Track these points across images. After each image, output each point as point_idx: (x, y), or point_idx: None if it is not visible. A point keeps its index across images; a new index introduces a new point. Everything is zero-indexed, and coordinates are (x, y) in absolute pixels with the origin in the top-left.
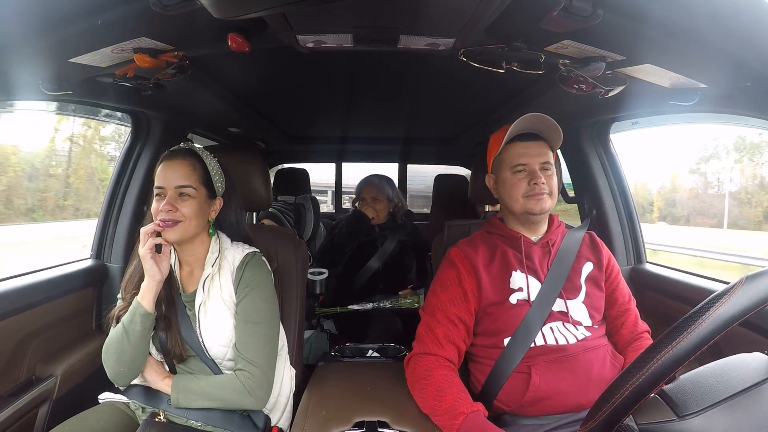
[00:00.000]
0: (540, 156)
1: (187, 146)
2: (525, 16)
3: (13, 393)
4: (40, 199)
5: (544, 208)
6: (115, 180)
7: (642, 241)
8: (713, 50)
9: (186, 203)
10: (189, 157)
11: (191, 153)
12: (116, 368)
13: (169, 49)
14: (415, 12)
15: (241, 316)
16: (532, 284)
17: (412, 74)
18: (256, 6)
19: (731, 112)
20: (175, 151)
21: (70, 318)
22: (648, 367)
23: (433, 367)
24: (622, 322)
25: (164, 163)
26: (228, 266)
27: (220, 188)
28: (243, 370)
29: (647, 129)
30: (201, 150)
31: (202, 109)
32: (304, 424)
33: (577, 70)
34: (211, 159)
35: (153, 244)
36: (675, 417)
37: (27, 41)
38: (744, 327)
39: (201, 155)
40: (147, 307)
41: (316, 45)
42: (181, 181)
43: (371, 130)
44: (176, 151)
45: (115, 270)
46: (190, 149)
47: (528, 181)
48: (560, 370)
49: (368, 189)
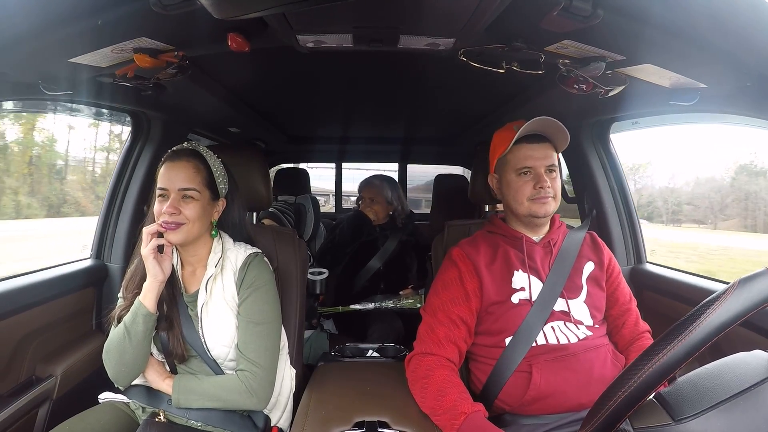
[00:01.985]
0: (545, 159)
1: (191, 146)
2: (525, 16)
3: (13, 393)
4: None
5: (548, 212)
6: (115, 180)
7: (642, 241)
8: (713, 50)
9: (189, 206)
10: (193, 158)
11: (195, 154)
12: (118, 368)
13: (169, 49)
14: (415, 12)
15: (243, 316)
16: (534, 284)
17: (412, 74)
18: (256, 6)
19: (731, 112)
20: (179, 152)
21: (70, 318)
22: (640, 374)
23: (434, 367)
24: (623, 322)
25: (167, 163)
26: (230, 266)
27: (223, 189)
28: (245, 370)
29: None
30: (205, 150)
31: (202, 109)
32: (304, 424)
33: (577, 70)
34: (215, 159)
35: (156, 245)
36: (671, 420)
37: (27, 41)
38: (744, 327)
39: (205, 156)
40: (149, 307)
41: (316, 45)
42: (185, 184)
43: (371, 130)
44: (180, 152)
45: (115, 270)
46: (194, 150)
47: (534, 184)
48: (561, 369)
49: (367, 189)
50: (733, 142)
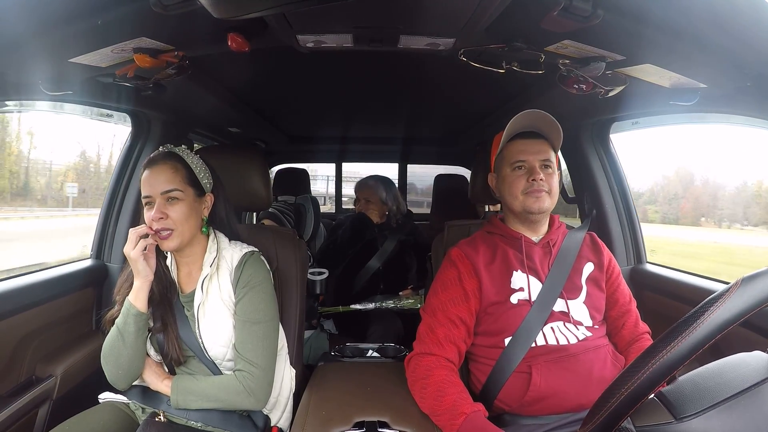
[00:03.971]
0: (540, 153)
1: (166, 149)
2: (525, 16)
3: (13, 393)
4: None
5: (543, 207)
6: (115, 180)
7: (642, 241)
8: (713, 50)
9: (175, 207)
10: (169, 159)
11: (171, 155)
12: (115, 371)
13: (169, 49)
14: (415, 12)
15: (240, 315)
16: (533, 284)
17: (412, 74)
18: (256, 6)
19: (731, 112)
20: (155, 158)
21: (70, 318)
22: (643, 372)
23: (434, 367)
24: (623, 323)
25: (146, 171)
26: (226, 266)
27: (207, 185)
28: (242, 370)
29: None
30: (181, 149)
31: (202, 109)
32: (304, 424)
33: (577, 70)
34: (193, 157)
35: (144, 246)
36: (672, 419)
37: (27, 41)
38: (743, 327)
39: (181, 155)
40: (140, 306)
41: (316, 45)
42: (166, 186)
43: (371, 130)
44: (155, 158)
45: (115, 270)
46: (169, 152)
47: (527, 177)
48: (561, 369)
49: (362, 190)
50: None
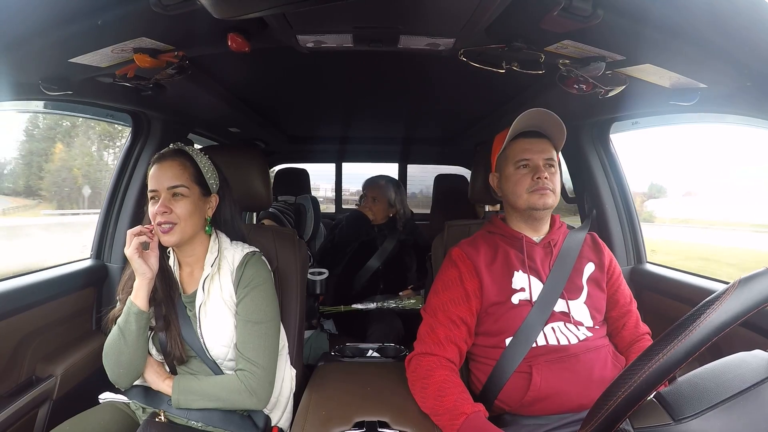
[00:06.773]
0: (543, 152)
1: (177, 146)
2: (525, 16)
3: (13, 393)
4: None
5: (547, 204)
6: (115, 180)
7: (642, 241)
8: (713, 50)
9: (180, 203)
10: (178, 156)
11: (181, 153)
12: (116, 370)
13: (169, 49)
14: (415, 12)
15: (241, 315)
16: (534, 284)
17: (412, 74)
18: (256, 6)
19: (731, 112)
20: (165, 153)
21: (70, 318)
22: (641, 374)
23: (434, 368)
24: (623, 324)
25: (155, 165)
26: (228, 266)
27: (214, 185)
28: (244, 370)
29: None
30: (191, 148)
31: (202, 109)
32: (305, 424)
33: (577, 70)
34: (202, 156)
35: (138, 243)
36: (671, 420)
37: (27, 41)
38: (744, 327)
39: (191, 153)
40: (140, 305)
41: (316, 45)
42: (173, 182)
43: (371, 130)
44: (165, 153)
45: (115, 270)
46: (180, 149)
47: (532, 176)
48: (561, 370)
49: (372, 188)
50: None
